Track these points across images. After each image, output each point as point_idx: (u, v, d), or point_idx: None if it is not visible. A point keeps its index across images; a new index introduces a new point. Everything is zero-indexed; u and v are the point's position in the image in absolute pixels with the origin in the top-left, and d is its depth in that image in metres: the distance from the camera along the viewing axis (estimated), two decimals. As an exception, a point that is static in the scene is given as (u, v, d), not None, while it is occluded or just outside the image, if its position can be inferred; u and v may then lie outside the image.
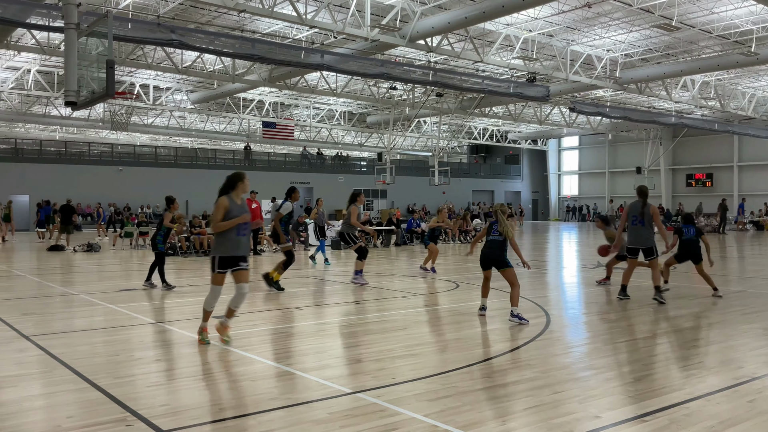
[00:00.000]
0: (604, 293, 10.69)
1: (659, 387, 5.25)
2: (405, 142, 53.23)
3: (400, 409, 4.63)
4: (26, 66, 29.61)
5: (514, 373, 5.67)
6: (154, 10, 21.14)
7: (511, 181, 60.41)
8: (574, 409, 4.69)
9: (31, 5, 16.62)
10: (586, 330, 7.91)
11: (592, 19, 23.08)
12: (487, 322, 8.13)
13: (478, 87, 26.24)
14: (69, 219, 22.91)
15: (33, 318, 8.57)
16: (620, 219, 10.00)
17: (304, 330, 7.79)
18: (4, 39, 21.40)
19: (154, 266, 11.55)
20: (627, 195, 53.87)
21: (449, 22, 19.71)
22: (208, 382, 5.47)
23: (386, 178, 39.26)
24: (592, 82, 28.02)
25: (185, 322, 8.20)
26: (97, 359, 6.29)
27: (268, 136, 41.72)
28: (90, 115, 40.21)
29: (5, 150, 41.13)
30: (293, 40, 24.65)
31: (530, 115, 41.85)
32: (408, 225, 25.46)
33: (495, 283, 9.06)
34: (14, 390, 5.23)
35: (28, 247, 24.30)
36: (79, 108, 9.48)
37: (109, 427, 4.31)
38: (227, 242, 6.73)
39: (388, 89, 33.34)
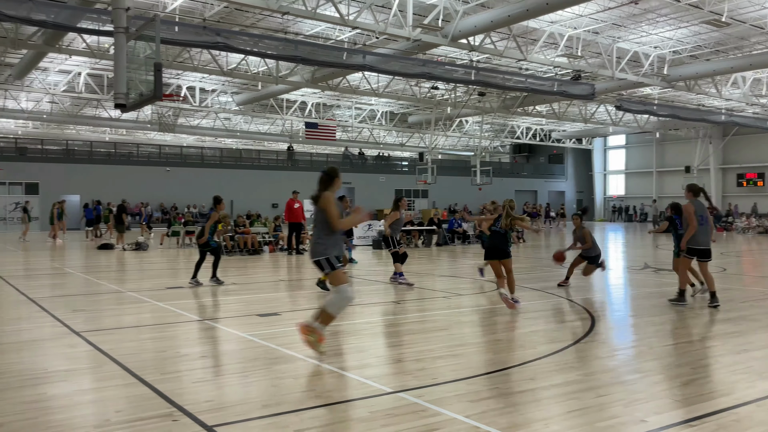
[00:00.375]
0: (650, 295, 10.46)
1: (707, 391, 5.12)
2: (446, 141, 53.03)
3: (441, 410, 4.62)
4: (77, 69, 30.47)
5: (557, 376, 5.60)
6: (200, 14, 21.52)
7: (555, 180, 59.60)
8: (619, 412, 4.61)
9: (81, 10, 17.10)
10: (632, 332, 7.76)
11: (639, 15, 22.61)
12: (530, 323, 8.05)
13: (522, 86, 25.97)
14: (122, 218, 23.55)
15: (83, 314, 8.82)
16: (687, 218, 9.25)
17: (346, 329, 7.83)
18: (56, 43, 22.05)
19: (200, 264, 11.91)
20: (675, 195, 52.57)
21: (492, 21, 19.55)
22: (252, 379, 5.55)
23: (427, 178, 39.17)
24: (639, 79, 27.45)
25: (230, 320, 8.33)
26: (145, 355, 6.43)
27: (310, 137, 42.05)
28: (138, 117, 41.16)
29: (57, 151, 42.40)
30: (335, 41, 24.79)
31: (575, 113, 41.23)
32: (449, 225, 25.36)
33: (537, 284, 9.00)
34: (65, 384, 5.39)
35: (79, 245, 25.00)
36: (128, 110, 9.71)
37: (156, 422, 4.41)
38: (339, 241, 6.37)
39: (430, 89, 33.23)
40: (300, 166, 47.88)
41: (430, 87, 32.53)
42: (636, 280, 12.82)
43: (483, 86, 26.83)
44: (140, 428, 4.29)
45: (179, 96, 33.59)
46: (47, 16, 16.19)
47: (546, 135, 52.70)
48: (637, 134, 52.50)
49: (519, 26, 22.25)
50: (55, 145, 43.40)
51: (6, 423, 4.39)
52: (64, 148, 43.10)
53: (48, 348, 6.79)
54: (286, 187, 31.21)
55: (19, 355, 6.45)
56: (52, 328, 7.79)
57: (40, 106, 38.57)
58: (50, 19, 16.30)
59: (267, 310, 8.99)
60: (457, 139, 54.04)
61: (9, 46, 22.07)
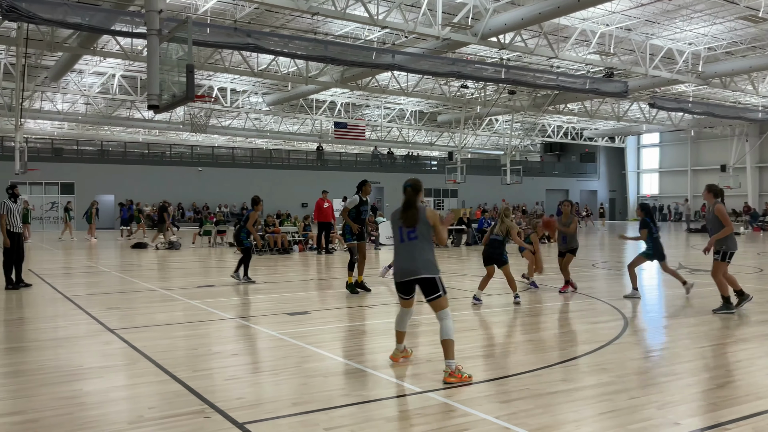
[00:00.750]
0: (684, 296, 10.28)
1: (743, 394, 5.01)
2: (476, 140, 52.75)
3: (471, 410, 4.60)
4: (111, 71, 31.02)
5: (589, 377, 5.53)
6: (231, 15, 21.75)
7: (587, 179, 58.88)
8: (651, 415, 4.54)
9: (115, 13, 17.41)
10: (665, 334, 7.63)
11: (673, 11, 22.24)
12: (561, 324, 7.97)
13: (553, 84, 25.73)
14: (163, 218, 23.92)
15: (118, 312, 8.97)
16: (722, 219, 8.67)
17: (376, 328, 7.83)
18: (91, 46, 22.46)
19: (242, 261, 12.17)
20: (710, 194, 51.60)
21: (522, 18, 19.40)
22: (282, 377, 5.59)
23: (457, 178, 39.02)
24: (673, 76, 27.00)
25: (260, 318, 8.40)
26: (178, 353, 6.52)
27: (339, 137, 42.20)
28: (171, 118, 41.73)
29: (92, 152, 43.21)
30: (365, 41, 24.84)
31: (607, 111, 40.70)
32: (479, 224, 25.23)
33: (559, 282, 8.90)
34: (100, 381, 5.49)
35: (113, 244, 25.44)
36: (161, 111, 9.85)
37: (189, 419, 4.46)
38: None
39: (459, 88, 33.12)
40: (329, 165, 48.10)
41: (460, 86, 32.41)
42: (670, 281, 12.60)
43: (513, 84, 26.66)
44: (173, 425, 4.35)
45: (211, 97, 33.98)
46: (82, 19, 16.51)
47: (578, 133, 52.11)
48: (671, 132, 51.62)
49: (550, 23, 22.05)
50: (90, 146, 44.22)
51: (43, 418, 4.49)
52: (99, 148, 43.89)
53: (83, 345, 6.93)
54: (315, 187, 31.37)
55: (55, 352, 6.59)
56: (88, 326, 7.94)
57: (75, 107, 39.36)
58: (85, 22, 16.62)
59: (297, 309, 9.05)
60: (487, 138, 53.73)
61: (45, 49, 22.55)
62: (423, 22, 19.99)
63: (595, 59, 25.57)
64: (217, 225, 24.26)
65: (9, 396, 5.06)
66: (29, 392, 5.12)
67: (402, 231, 5.67)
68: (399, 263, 5.71)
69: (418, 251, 5.57)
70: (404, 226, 5.64)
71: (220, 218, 25.97)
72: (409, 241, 5.61)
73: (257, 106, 38.99)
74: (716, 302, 8.99)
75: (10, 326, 8.08)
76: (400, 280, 5.69)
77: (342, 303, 9.71)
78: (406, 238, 5.64)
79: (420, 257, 5.55)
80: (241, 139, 49.77)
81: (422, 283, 5.56)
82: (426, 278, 5.52)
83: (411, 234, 5.60)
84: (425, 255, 5.57)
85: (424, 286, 5.57)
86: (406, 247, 5.65)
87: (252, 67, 26.24)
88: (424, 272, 5.52)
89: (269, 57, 25.76)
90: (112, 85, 32.27)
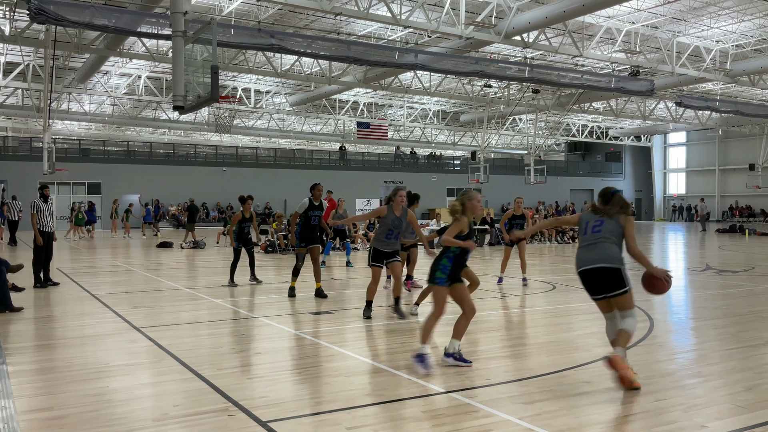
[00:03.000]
0: (712, 298, 10.13)
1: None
2: (499, 140, 52.48)
3: (495, 411, 4.58)
4: (137, 72, 31.39)
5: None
6: (255, 16, 21.89)
7: (613, 179, 58.24)
8: (677, 417, 4.48)
9: (141, 15, 17.61)
10: (692, 336, 7.53)
11: (700, 8, 21.92)
12: (586, 325, 7.90)
13: (577, 82, 25.48)
14: (194, 217, 24.16)
15: (143, 310, 9.08)
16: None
17: (398, 328, 7.83)
18: (117, 47, 22.76)
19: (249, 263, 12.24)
20: (738, 193, 50.80)
21: (547, 17, 19.25)
22: (305, 376, 5.61)
23: (480, 177, 38.86)
24: (700, 74, 26.60)
25: (283, 317, 8.44)
26: (202, 351, 6.58)
27: (362, 137, 42.26)
28: (196, 119, 42.14)
29: (118, 152, 43.79)
30: (387, 40, 24.84)
31: (633, 110, 40.23)
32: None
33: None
34: (126, 378, 5.56)
35: (138, 243, 25.75)
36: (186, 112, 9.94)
37: (213, 416, 4.50)
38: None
39: (483, 87, 32.97)
40: (352, 165, 48.18)
41: (483, 85, 32.27)
42: (697, 282, 12.43)
43: (537, 83, 26.45)
44: (197, 422, 4.39)
45: (235, 98, 34.24)
46: (109, 21, 16.72)
47: (603, 132, 51.60)
48: (698, 131, 50.91)
49: (574, 22, 21.85)
50: (116, 146, 44.84)
51: (70, 415, 4.56)
52: (125, 149, 44.47)
53: (110, 343, 7.02)
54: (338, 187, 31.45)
55: (82, 350, 6.69)
56: (114, 324, 8.05)
57: (102, 108, 39.90)
58: (111, 23, 16.82)
59: (319, 308, 9.08)
60: (511, 138, 53.43)
61: (72, 51, 22.89)
62: (446, 21, 19.93)
63: (620, 57, 25.28)
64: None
65: (38, 392, 5.14)
66: (57, 389, 5.20)
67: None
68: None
69: (611, 244, 5.36)
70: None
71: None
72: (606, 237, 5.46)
73: (280, 107, 39.20)
74: (744, 303, 8.86)
75: (39, 324, 8.22)
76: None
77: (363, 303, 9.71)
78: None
79: (612, 251, 5.34)
80: (264, 139, 50.07)
81: (607, 272, 5.33)
82: (613, 268, 5.32)
83: (607, 231, 5.44)
84: (615, 250, 5.35)
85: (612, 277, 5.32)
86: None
87: (275, 68, 26.39)
88: (610, 262, 5.31)
89: (292, 57, 25.88)
90: (138, 86, 32.67)
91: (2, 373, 5.59)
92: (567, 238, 25.73)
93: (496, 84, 32.14)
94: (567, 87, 28.56)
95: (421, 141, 50.68)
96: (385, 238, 8.38)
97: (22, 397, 4.97)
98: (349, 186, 29.79)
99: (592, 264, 5.30)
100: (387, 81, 29.21)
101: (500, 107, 37.28)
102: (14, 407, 4.66)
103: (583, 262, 5.37)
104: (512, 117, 42.51)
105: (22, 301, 9.56)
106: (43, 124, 26.53)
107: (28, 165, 36.08)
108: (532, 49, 23.07)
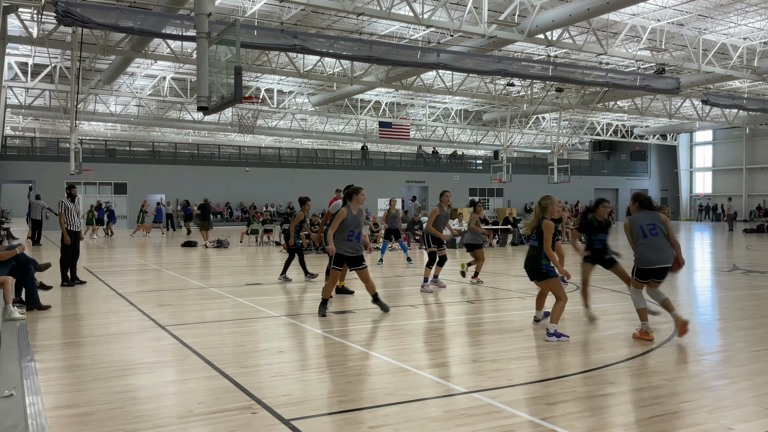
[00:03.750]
0: (738, 298, 9.98)
1: (803, 401, 4.84)
2: (522, 139, 52.19)
3: (517, 412, 4.56)
4: (162, 74, 31.76)
5: (638, 380, 5.42)
6: (278, 17, 22.02)
7: (638, 178, 57.59)
8: (703, 419, 4.42)
9: (166, 16, 17.80)
10: (719, 337, 7.42)
11: (727, 5, 21.60)
12: (610, 326, 7.83)
13: (602, 80, 25.24)
14: (207, 216, 24.36)
15: (168, 309, 9.18)
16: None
17: (420, 328, 7.83)
18: (142, 49, 23.04)
19: (289, 262, 12.60)
20: (766, 193, 49.95)
21: (570, 15, 19.10)
22: (328, 375, 5.63)
23: (503, 177, 38.67)
24: (727, 72, 26.22)
25: (306, 316, 8.48)
26: (226, 349, 6.64)
27: (384, 136, 42.29)
28: (220, 119, 42.52)
29: (144, 152, 44.31)
30: (409, 40, 24.84)
31: (659, 108, 39.76)
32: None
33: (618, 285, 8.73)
34: (151, 376, 5.63)
35: (163, 242, 26.04)
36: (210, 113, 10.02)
37: (236, 414, 4.54)
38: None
39: (505, 86, 32.81)
40: (374, 165, 48.22)
41: (506, 84, 32.11)
42: (723, 283, 12.25)
43: (561, 82, 26.27)
44: (221, 420, 4.43)
45: (258, 98, 34.48)
46: (134, 22, 16.93)
47: (628, 131, 51.06)
48: (725, 129, 50.15)
49: (599, 19, 21.67)
50: (141, 147, 45.37)
51: (96, 411, 4.62)
52: (150, 149, 44.98)
53: (135, 341, 7.11)
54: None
55: (108, 347, 6.78)
56: (140, 322, 8.15)
57: (127, 109, 40.45)
58: (137, 25, 17.03)
59: (342, 308, 9.11)
60: (534, 137, 53.13)
61: (99, 53, 23.22)
62: (468, 20, 19.88)
63: (645, 55, 25.01)
64: (263, 224, 24.60)
65: (64, 390, 5.23)
66: (84, 386, 5.28)
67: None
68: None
69: (664, 243, 7.03)
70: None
71: (266, 217, 26.32)
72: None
73: (303, 107, 39.39)
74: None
75: (66, 322, 8.36)
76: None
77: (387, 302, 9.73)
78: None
79: (666, 249, 7.01)
80: (287, 139, 50.34)
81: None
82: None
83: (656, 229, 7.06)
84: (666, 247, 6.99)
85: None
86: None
87: (298, 68, 26.52)
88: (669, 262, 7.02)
89: (315, 58, 25.99)
90: (162, 87, 33.06)
91: (31, 370, 5.69)
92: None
93: (519, 83, 31.96)
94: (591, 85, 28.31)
95: (443, 140, 50.56)
96: (347, 239, 8.33)
97: (50, 393, 5.06)
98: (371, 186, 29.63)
99: (663, 264, 6.90)
100: (409, 80, 29.20)
101: (523, 106, 37.08)
102: (42, 404, 4.74)
103: (655, 262, 6.87)
104: (535, 116, 42.25)
105: (50, 299, 9.72)
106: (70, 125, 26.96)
107: (55, 165, 36.63)
108: (555, 48, 22.90)
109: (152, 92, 33.64)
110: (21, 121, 44.24)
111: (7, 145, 39.76)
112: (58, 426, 4.34)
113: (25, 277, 8.98)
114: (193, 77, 31.79)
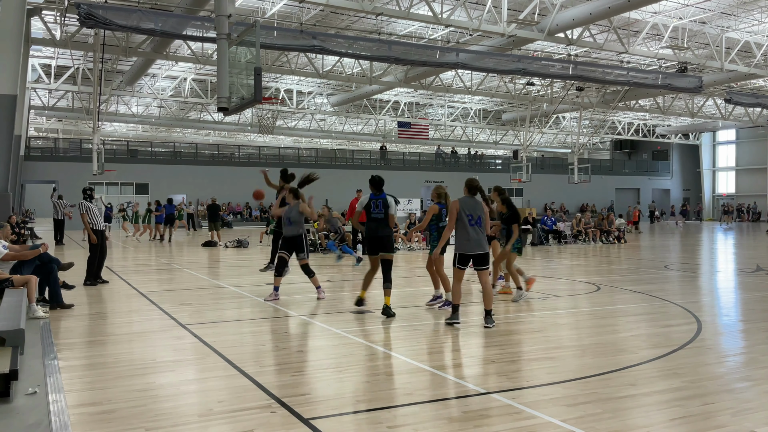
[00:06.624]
0: (763, 299, 9.83)
1: (829, 404, 4.75)
2: (542, 138, 51.90)
3: (537, 413, 4.53)
4: (183, 75, 32.04)
5: (660, 382, 5.36)
6: (297, 18, 22.11)
7: (660, 178, 56.98)
8: (726, 422, 4.36)
9: (186, 18, 17.97)
10: (742, 338, 7.32)
11: (750, 3, 21.31)
12: (632, 327, 7.76)
13: (623, 79, 25.05)
14: (216, 216, 24.48)
15: (189, 308, 9.25)
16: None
17: (439, 328, 7.81)
18: (163, 50, 23.26)
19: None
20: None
21: (591, 13, 18.97)
22: (347, 374, 5.64)
23: (522, 176, 38.48)
24: (750, 71, 25.88)
25: (325, 316, 8.50)
26: (245, 348, 6.67)
27: (403, 136, 42.27)
28: (240, 120, 42.79)
29: (165, 153, 44.72)
30: (428, 40, 24.81)
31: (681, 107, 39.34)
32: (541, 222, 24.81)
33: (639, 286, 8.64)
34: (172, 374, 5.67)
35: (182, 242, 26.24)
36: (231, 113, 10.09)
37: (256, 413, 4.56)
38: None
39: (525, 85, 32.64)
40: (393, 165, 48.22)
41: (526, 83, 31.95)
42: (747, 284, 12.08)
43: (581, 81, 26.11)
44: (241, 418, 4.45)
45: (278, 99, 34.65)
46: (155, 24, 17.11)
47: (649, 130, 50.56)
48: (748, 128, 49.46)
49: (620, 18, 21.50)
50: (163, 147, 45.79)
51: (117, 410, 4.67)
52: (172, 150, 45.38)
53: (156, 339, 7.18)
54: (379, 186, 31.45)
55: (130, 346, 6.85)
56: (161, 321, 8.22)
57: (149, 110, 40.88)
58: (158, 27, 17.22)
59: (361, 308, 9.11)
60: (554, 136, 52.82)
61: (120, 54, 23.49)
62: (488, 19, 19.82)
63: (667, 54, 24.76)
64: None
65: (86, 387, 5.29)
66: (105, 384, 5.34)
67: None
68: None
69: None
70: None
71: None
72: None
73: (322, 107, 39.52)
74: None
75: (89, 320, 8.45)
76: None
77: (403, 302, 9.72)
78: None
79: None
80: (306, 139, 50.54)
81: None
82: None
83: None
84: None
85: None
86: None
87: (317, 69, 26.60)
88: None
89: (334, 58, 26.07)
90: (183, 88, 33.35)
91: (54, 367, 5.76)
92: (612, 238, 25.29)
93: (538, 82, 31.79)
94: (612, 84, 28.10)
95: (462, 140, 50.42)
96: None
97: (73, 391, 5.12)
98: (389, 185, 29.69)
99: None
100: (428, 80, 29.17)
101: (543, 105, 36.88)
102: (65, 401, 4.80)
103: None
104: (555, 115, 42.01)
105: (73, 298, 9.84)
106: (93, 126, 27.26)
107: (78, 166, 37.11)
108: (575, 46, 22.76)
109: (173, 93, 33.96)
110: (44, 122, 44.90)
111: (31, 146, 40.35)
112: (81, 423, 4.39)
113: (48, 276, 9.10)
114: (213, 78, 32.02)
